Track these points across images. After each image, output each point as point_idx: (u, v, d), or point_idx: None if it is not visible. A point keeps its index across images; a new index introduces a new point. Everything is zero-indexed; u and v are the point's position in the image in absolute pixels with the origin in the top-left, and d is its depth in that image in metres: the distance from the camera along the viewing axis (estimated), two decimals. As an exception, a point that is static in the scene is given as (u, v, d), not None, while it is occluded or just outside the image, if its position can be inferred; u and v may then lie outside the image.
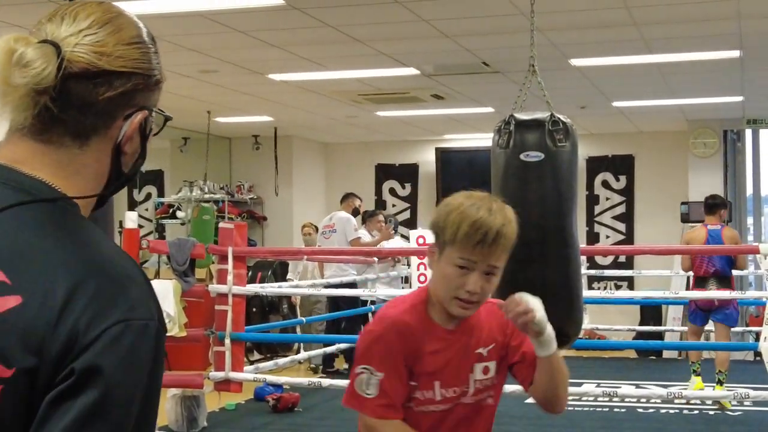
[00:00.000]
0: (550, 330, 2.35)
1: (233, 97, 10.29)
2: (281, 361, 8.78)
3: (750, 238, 13.22)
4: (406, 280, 11.76)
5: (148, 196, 13.69)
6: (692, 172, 12.48)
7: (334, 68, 8.79)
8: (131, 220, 7.26)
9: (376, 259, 10.80)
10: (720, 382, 8.25)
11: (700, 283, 8.53)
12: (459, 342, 2.41)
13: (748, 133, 12.87)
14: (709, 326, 8.89)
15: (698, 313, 8.63)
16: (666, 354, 12.03)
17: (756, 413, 8.04)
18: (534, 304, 2.31)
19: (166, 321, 5.64)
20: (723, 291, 8.25)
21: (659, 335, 11.71)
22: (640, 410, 8.17)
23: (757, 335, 9.25)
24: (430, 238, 8.60)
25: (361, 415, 2.39)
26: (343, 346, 9.77)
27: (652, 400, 8.33)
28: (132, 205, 12.91)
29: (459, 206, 2.37)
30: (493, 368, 2.45)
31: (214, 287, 7.67)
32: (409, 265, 11.56)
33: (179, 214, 12.80)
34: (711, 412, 8.10)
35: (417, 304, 2.42)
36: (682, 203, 12.22)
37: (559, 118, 5.32)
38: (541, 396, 2.46)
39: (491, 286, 2.36)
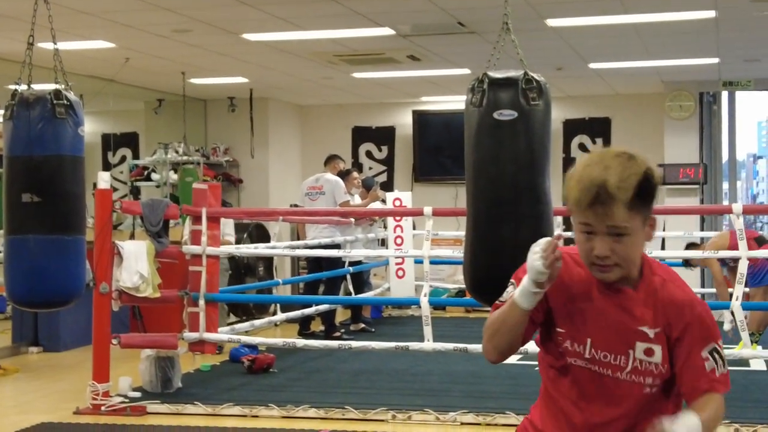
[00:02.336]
0: None
1: (208, 57, 10.19)
2: (257, 322, 8.79)
3: (725, 202, 13.29)
4: (383, 242, 11.77)
5: (123, 159, 13.58)
6: (668, 134, 12.49)
7: (309, 28, 8.72)
8: (104, 180, 7.20)
9: (352, 220, 10.79)
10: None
11: None
12: (625, 307, 2.35)
13: (724, 95, 12.89)
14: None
15: None
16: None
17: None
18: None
19: (140, 282, 5.61)
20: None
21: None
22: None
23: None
24: (407, 200, 8.68)
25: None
26: (321, 308, 9.79)
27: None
28: (106, 167, 12.79)
29: (577, 167, 2.29)
30: (659, 353, 2.35)
31: (188, 248, 7.65)
32: (385, 227, 11.58)
33: (154, 176, 12.72)
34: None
35: None
36: (658, 165, 12.21)
37: (532, 77, 5.31)
38: None
39: (625, 247, 2.25)
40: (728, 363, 2.45)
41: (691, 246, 9.27)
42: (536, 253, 2.23)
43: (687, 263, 9.33)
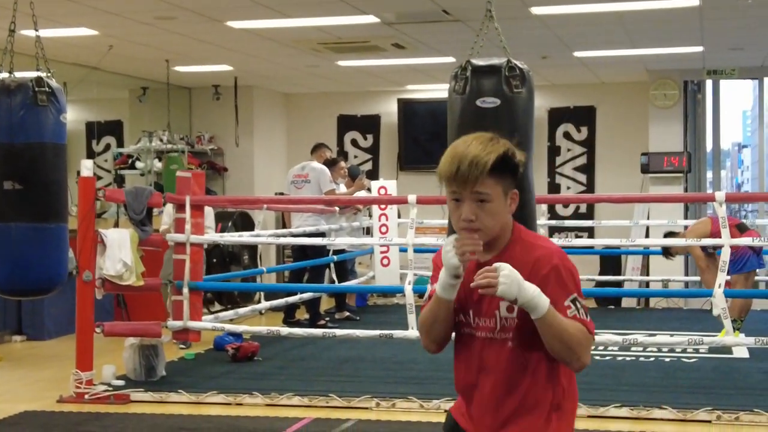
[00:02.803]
0: (527, 296, 2.42)
1: (191, 45, 10.15)
2: (241, 310, 8.78)
3: (710, 191, 13.32)
4: (368, 230, 11.76)
5: (107, 147, 13.51)
6: (653, 123, 12.52)
7: (294, 15, 8.69)
8: (86, 168, 7.17)
9: (337, 209, 10.78)
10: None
11: None
12: None
13: (709, 84, 12.92)
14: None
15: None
16: (625, 303, 12.16)
17: (710, 360, 8.15)
18: (506, 276, 2.41)
19: (123, 270, 5.59)
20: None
21: (618, 285, 11.83)
22: (597, 357, 8.25)
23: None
24: (392, 188, 8.70)
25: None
26: (306, 296, 9.78)
27: (610, 348, 8.44)
28: (90, 155, 12.73)
29: (448, 148, 2.58)
30: (516, 308, 2.53)
31: (172, 236, 7.64)
32: (370, 215, 11.58)
33: (138, 164, 12.67)
34: (667, 359, 8.20)
35: None
36: (642, 154, 12.28)
37: (515, 64, 5.31)
38: (551, 353, 2.51)
39: (487, 213, 2.52)
40: (712, 351, 2.52)
41: (669, 234, 9.27)
42: (449, 252, 2.49)
43: (666, 253, 9.35)
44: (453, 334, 2.68)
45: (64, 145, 5.96)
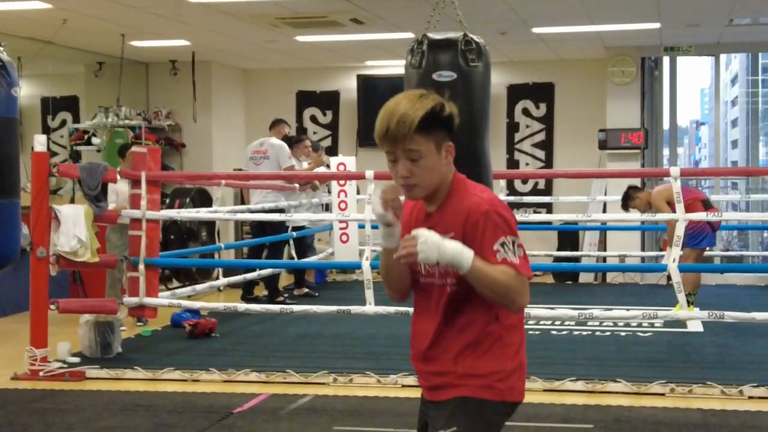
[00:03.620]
0: (448, 257, 2.49)
1: (148, 19, 10.03)
2: (199, 287, 8.73)
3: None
4: (327, 207, 11.74)
5: (63, 123, 13.36)
6: (611, 100, 12.58)
7: (250, -10, 8.62)
8: (39, 143, 7.08)
9: (297, 185, 10.74)
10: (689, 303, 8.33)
11: None
12: (432, 223, 2.64)
13: (666, 60, 13.01)
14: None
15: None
16: (582, 278, 12.24)
17: (665, 334, 8.24)
18: (423, 243, 2.48)
19: (78, 246, 5.52)
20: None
21: (575, 260, 11.91)
22: (554, 332, 8.32)
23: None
24: (351, 165, 8.68)
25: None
26: (264, 272, 9.75)
27: (566, 322, 8.49)
28: (46, 131, 12.58)
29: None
30: None
31: (128, 212, 7.57)
32: (329, 192, 11.55)
33: (95, 140, 12.52)
34: (622, 334, 8.28)
35: None
36: (600, 131, 12.34)
37: (472, 38, 5.29)
38: (488, 300, 2.60)
39: (422, 169, 2.60)
40: (667, 325, 2.55)
41: (631, 188, 9.24)
42: (374, 202, 2.63)
43: (625, 205, 9.25)
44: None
45: (16, 119, 5.86)
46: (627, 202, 9.08)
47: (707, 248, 9.04)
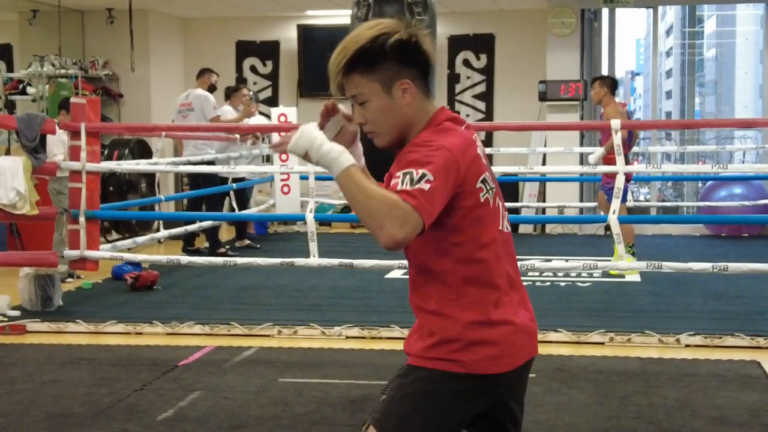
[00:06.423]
0: (320, 153, 2.23)
1: (84, -34, 9.82)
2: (140, 239, 8.66)
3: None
4: (268, 158, 11.67)
5: (-4, 71, 13.08)
6: (550, 51, 12.63)
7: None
8: (-25, 93, 6.93)
9: (237, 136, 10.66)
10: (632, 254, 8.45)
11: None
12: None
13: (605, 12, 13.10)
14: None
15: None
16: (522, 229, 12.37)
17: (604, 284, 8.39)
18: (299, 135, 2.25)
19: (17, 198, 5.45)
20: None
21: (515, 211, 12.02)
22: (496, 283, 8.41)
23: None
24: (292, 116, 8.64)
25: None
26: (205, 224, 9.70)
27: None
28: (-21, 80, 12.32)
29: None
30: None
31: (67, 164, 7.47)
32: (270, 143, 11.48)
33: (30, 90, 12.27)
34: (562, 284, 8.41)
35: None
36: (540, 82, 12.41)
37: (417, -9, 5.27)
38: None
39: (372, 113, 2.32)
40: (605, 275, 2.52)
41: (598, 80, 9.34)
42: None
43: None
44: None
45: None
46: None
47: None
